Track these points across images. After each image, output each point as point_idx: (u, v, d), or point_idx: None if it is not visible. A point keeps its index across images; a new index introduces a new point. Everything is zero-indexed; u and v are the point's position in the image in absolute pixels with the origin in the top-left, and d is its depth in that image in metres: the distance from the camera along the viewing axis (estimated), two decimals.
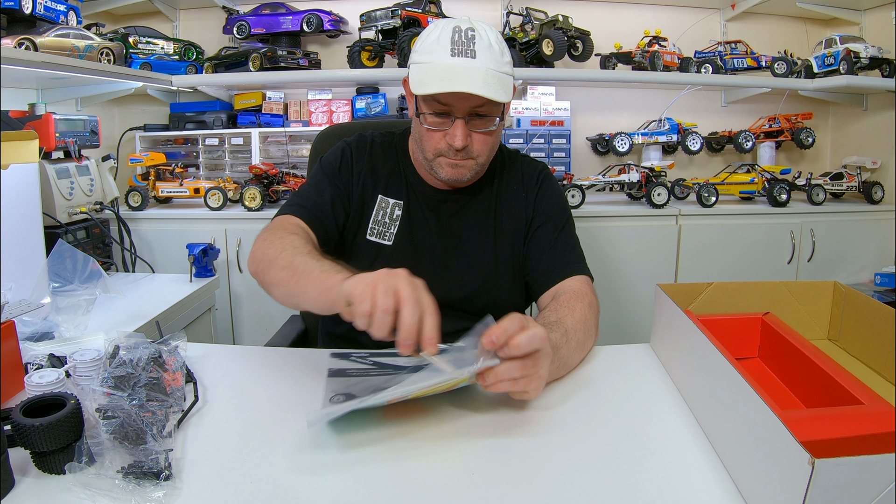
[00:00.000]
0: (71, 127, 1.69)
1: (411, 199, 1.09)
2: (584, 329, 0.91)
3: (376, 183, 1.09)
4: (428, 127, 0.98)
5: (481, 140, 0.99)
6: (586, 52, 2.31)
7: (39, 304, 1.02)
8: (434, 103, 0.95)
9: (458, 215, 1.10)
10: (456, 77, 0.90)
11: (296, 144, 2.39)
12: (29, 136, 1.22)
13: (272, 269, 0.88)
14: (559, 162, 2.39)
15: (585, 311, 0.94)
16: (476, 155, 1.00)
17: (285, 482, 0.61)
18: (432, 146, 1.00)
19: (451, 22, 0.95)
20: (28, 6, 1.63)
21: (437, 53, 0.93)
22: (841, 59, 2.25)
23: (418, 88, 0.93)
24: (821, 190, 2.23)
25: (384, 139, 1.14)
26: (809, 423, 0.59)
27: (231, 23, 2.41)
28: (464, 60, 0.92)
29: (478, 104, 0.94)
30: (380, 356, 0.88)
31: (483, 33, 0.94)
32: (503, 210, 1.11)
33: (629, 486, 0.60)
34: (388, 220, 1.08)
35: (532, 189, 1.12)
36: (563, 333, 0.86)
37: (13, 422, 0.59)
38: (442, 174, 1.02)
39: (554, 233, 1.08)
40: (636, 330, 2.07)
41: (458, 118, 0.95)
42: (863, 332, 0.93)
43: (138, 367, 0.72)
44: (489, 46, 0.94)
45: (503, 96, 0.92)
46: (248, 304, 2.07)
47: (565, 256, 1.07)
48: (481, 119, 0.97)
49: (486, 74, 0.92)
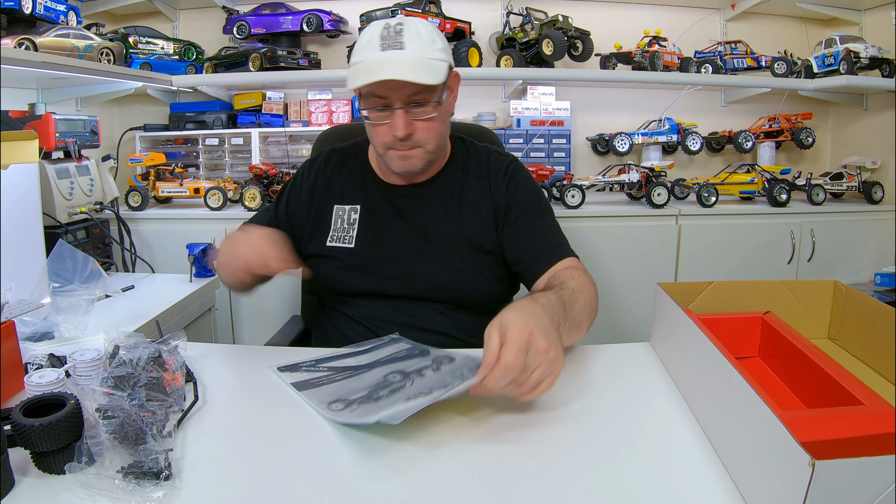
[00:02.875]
0: (71, 127, 1.69)
1: (368, 201, 1.12)
2: (589, 289, 0.96)
3: (332, 194, 1.14)
4: (371, 122, 1.01)
5: (424, 127, 1.01)
6: (586, 52, 2.31)
7: (39, 304, 1.02)
8: (372, 98, 0.99)
9: (419, 208, 1.11)
10: (383, 67, 0.94)
11: (296, 144, 2.39)
12: (29, 136, 1.22)
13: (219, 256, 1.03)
14: (559, 162, 2.38)
15: (584, 277, 0.99)
16: (423, 143, 1.02)
17: (285, 482, 0.61)
18: (380, 140, 1.03)
19: (382, 21, 0.99)
20: (28, 6, 1.63)
21: (368, 52, 0.97)
22: (841, 59, 2.25)
23: (351, 84, 0.97)
24: (821, 190, 2.23)
25: (345, 149, 1.19)
26: (810, 424, 0.59)
27: (231, 23, 2.41)
28: (391, 52, 0.95)
29: (413, 92, 0.97)
30: (326, 361, 0.91)
31: (412, 26, 0.98)
32: (468, 201, 1.11)
33: (629, 486, 0.60)
34: (346, 225, 1.12)
35: (501, 181, 1.12)
36: (571, 293, 0.90)
37: (13, 422, 0.59)
38: (394, 166, 1.05)
39: (534, 220, 1.10)
40: (636, 329, 2.07)
41: (396, 109, 0.98)
42: (863, 332, 0.93)
43: (138, 367, 0.72)
44: (417, 36, 0.97)
45: (430, 79, 0.94)
46: (248, 304, 2.07)
47: (551, 240, 1.09)
48: (420, 107, 0.99)
49: (412, 62, 0.95)
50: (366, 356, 0.92)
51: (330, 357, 0.92)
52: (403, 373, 0.83)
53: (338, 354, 0.93)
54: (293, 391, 0.81)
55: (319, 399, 0.77)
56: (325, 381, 0.84)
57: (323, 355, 0.93)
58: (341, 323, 1.12)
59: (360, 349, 0.95)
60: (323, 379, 0.84)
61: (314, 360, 0.91)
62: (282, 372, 0.86)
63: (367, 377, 0.84)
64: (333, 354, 0.93)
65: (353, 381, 0.83)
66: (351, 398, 0.77)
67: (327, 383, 0.83)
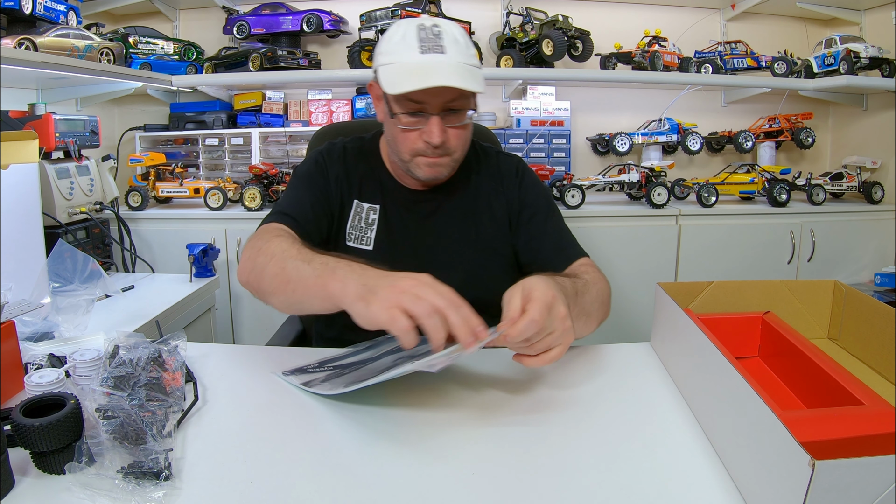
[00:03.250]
0: (71, 127, 1.69)
1: (387, 203, 1.09)
2: (601, 285, 0.97)
3: (351, 188, 1.09)
4: (403, 127, 0.97)
5: (456, 135, 0.99)
6: (586, 52, 2.31)
7: (39, 304, 1.02)
8: (407, 102, 0.95)
9: (435, 214, 1.10)
10: (429, 72, 0.90)
11: (296, 144, 2.39)
12: (29, 136, 1.22)
13: (264, 279, 0.86)
14: (559, 162, 2.38)
15: (597, 274, 1.01)
16: (453, 151, 1.00)
17: (285, 482, 0.60)
18: (408, 146, 0.99)
19: (414, 21, 0.96)
20: (28, 6, 1.63)
21: (404, 52, 0.93)
22: (841, 59, 2.25)
23: (392, 88, 0.92)
24: (821, 190, 2.23)
25: (355, 144, 1.14)
26: (810, 424, 0.59)
27: (231, 23, 2.41)
28: (434, 56, 0.92)
29: (451, 98, 0.94)
30: (331, 361, 0.89)
31: (448, 29, 0.95)
32: (483, 206, 1.11)
33: (629, 486, 0.60)
34: (363, 224, 1.08)
35: (513, 183, 1.13)
36: (584, 283, 0.92)
37: (13, 422, 0.59)
38: (420, 174, 1.02)
39: (546, 221, 1.10)
40: (636, 329, 2.07)
41: (432, 115, 0.95)
42: (863, 332, 0.93)
43: (138, 367, 0.72)
44: (455, 41, 0.94)
45: (478, 86, 0.92)
46: (248, 304, 2.07)
47: (563, 241, 1.09)
48: (455, 114, 0.97)
49: (457, 67, 0.92)
50: (370, 351, 0.92)
51: (333, 358, 0.92)
52: (413, 356, 0.84)
53: (340, 355, 0.93)
54: (304, 391, 0.80)
55: (334, 386, 0.77)
56: (336, 375, 0.83)
57: (325, 357, 0.93)
58: (345, 324, 1.10)
59: (362, 347, 0.95)
60: (332, 375, 0.84)
61: (318, 362, 0.90)
62: (287, 376, 0.86)
63: (376, 365, 0.84)
64: (336, 356, 0.93)
65: (363, 372, 0.82)
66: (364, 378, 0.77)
67: (338, 377, 0.83)
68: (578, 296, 0.87)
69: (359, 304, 0.70)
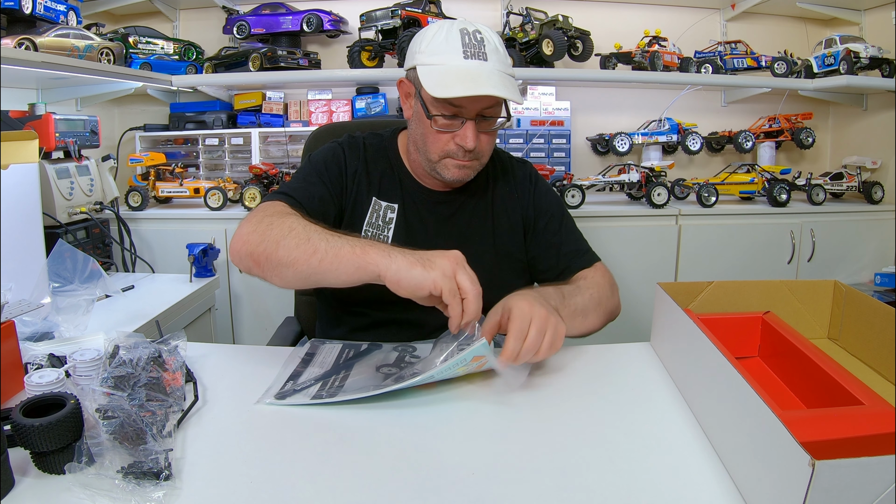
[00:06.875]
0: (71, 127, 1.69)
1: (406, 202, 1.08)
2: (601, 287, 1.03)
3: (370, 184, 1.08)
4: (438, 129, 0.98)
5: (486, 140, 1.01)
6: (586, 52, 2.30)
7: (39, 304, 1.02)
8: (447, 105, 0.95)
9: (455, 216, 1.10)
10: (477, 80, 0.92)
11: (296, 144, 2.39)
12: (29, 136, 1.22)
13: (280, 250, 0.83)
14: (559, 162, 2.38)
15: (599, 279, 1.07)
16: (481, 155, 1.02)
17: (285, 482, 0.60)
18: (439, 148, 1.00)
19: (455, 23, 0.96)
20: (28, 6, 1.63)
21: (448, 55, 0.94)
22: (841, 59, 2.25)
23: (438, 91, 0.92)
24: (821, 190, 2.23)
25: (374, 141, 1.13)
26: (810, 424, 0.59)
27: (231, 23, 2.41)
28: (478, 63, 0.93)
29: (488, 105, 0.96)
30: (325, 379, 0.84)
31: (488, 36, 0.97)
32: (500, 209, 1.12)
33: (629, 486, 0.60)
34: (381, 223, 1.07)
35: (527, 188, 1.14)
36: (575, 287, 0.99)
37: (13, 422, 0.59)
38: (447, 175, 1.02)
39: (560, 228, 1.13)
40: (636, 329, 2.06)
41: (469, 119, 0.96)
42: (863, 332, 0.93)
43: (138, 367, 0.72)
44: (496, 49, 0.96)
45: (519, 97, 0.95)
46: (248, 304, 2.07)
47: (577, 247, 1.12)
48: (487, 120, 0.99)
49: (499, 76, 0.94)
50: (366, 357, 0.91)
51: (322, 375, 0.85)
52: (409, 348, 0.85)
53: (326, 372, 0.86)
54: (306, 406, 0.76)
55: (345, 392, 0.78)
56: (337, 377, 0.83)
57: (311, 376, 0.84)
58: (351, 325, 1.09)
59: (352, 351, 0.94)
60: (334, 377, 0.83)
61: (311, 380, 0.83)
62: (280, 399, 0.78)
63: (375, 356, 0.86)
64: (322, 373, 0.86)
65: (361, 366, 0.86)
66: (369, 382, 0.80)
67: (340, 378, 0.83)
68: (566, 297, 0.95)
69: (416, 268, 0.74)
